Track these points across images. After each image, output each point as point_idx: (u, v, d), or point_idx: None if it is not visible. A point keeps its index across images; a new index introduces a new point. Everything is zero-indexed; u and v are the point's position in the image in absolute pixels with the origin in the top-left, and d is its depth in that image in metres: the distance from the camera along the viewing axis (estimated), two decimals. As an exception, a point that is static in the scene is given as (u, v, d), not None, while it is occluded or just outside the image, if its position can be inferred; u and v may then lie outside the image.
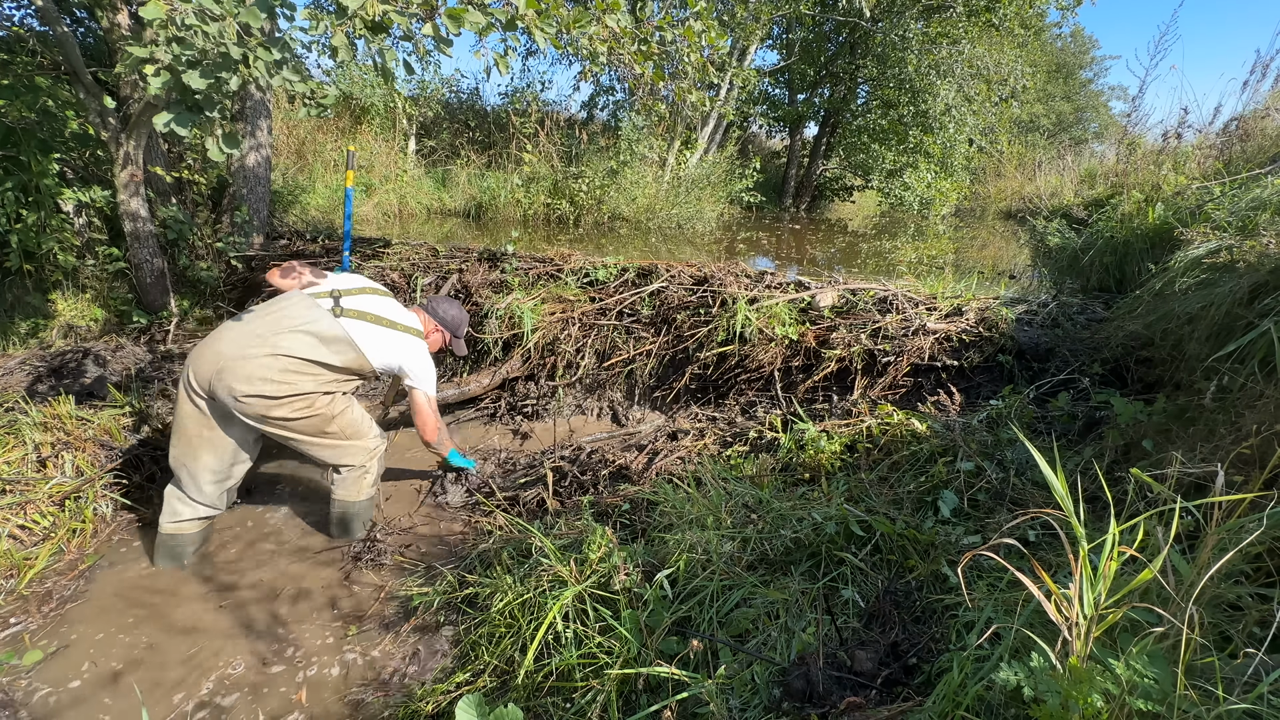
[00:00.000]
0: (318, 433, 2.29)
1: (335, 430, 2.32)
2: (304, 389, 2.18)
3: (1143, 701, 0.93)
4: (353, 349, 2.24)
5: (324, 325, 2.21)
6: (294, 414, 2.19)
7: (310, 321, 2.20)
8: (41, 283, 3.84)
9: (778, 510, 1.99)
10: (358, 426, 2.40)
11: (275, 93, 5.59)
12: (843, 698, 1.28)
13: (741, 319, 3.26)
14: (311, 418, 2.24)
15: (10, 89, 3.28)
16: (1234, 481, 1.44)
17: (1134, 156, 4.86)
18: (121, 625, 2.05)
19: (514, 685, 1.62)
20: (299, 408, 2.19)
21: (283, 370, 2.13)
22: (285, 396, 2.15)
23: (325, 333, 2.20)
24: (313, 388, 2.20)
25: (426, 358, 2.44)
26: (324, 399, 2.26)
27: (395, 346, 2.35)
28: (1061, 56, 19.52)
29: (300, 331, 2.17)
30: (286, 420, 2.19)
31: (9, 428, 2.53)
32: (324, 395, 2.26)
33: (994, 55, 8.80)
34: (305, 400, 2.20)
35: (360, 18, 1.99)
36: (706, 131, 8.80)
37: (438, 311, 2.61)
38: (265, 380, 2.10)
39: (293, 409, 2.18)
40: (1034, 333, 2.93)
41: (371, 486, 2.51)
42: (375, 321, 2.33)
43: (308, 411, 2.22)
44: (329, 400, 2.28)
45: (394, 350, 2.34)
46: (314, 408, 2.23)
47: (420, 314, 2.59)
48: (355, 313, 2.29)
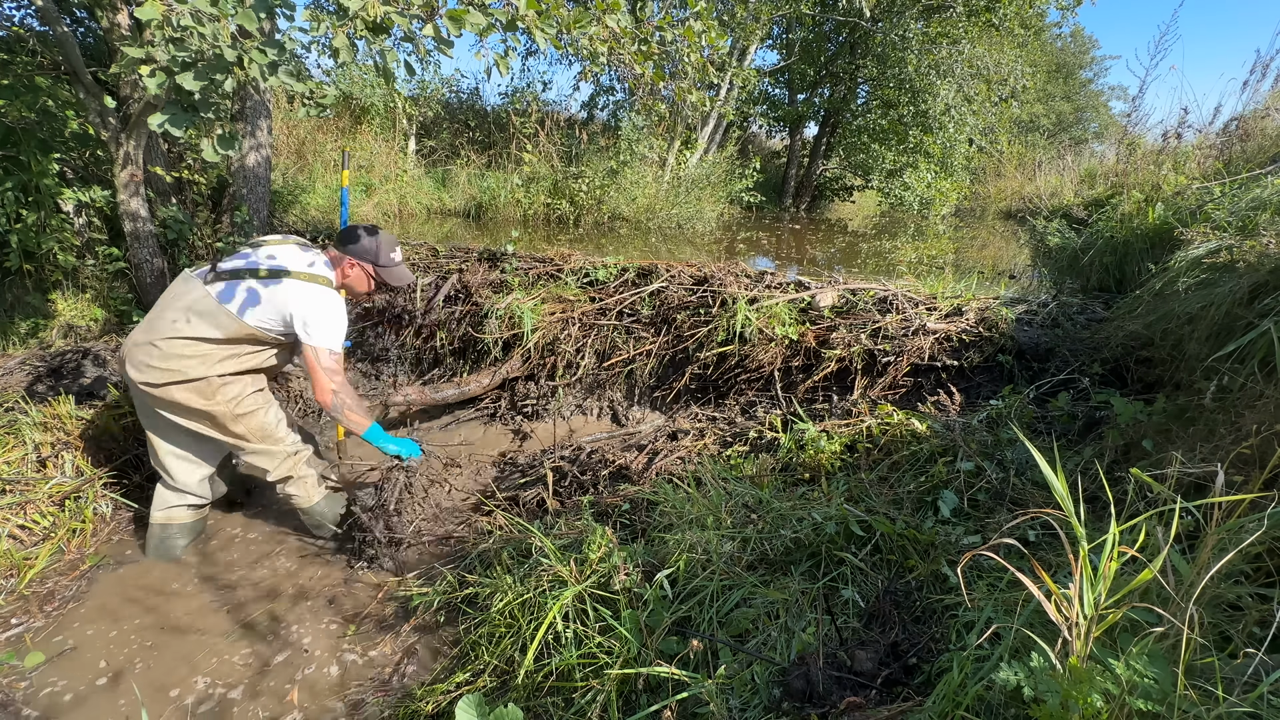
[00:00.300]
0: (224, 431, 2.17)
1: (242, 432, 2.19)
2: (192, 374, 2.05)
3: (1143, 701, 0.93)
4: (227, 315, 2.05)
5: (194, 297, 2.05)
6: (189, 403, 2.08)
7: (181, 295, 2.07)
8: (41, 283, 3.84)
9: (778, 510, 1.99)
10: (268, 431, 2.25)
11: (275, 93, 5.59)
12: (843, 698, 1.28)
13: (741, 319, 3.26)
14: (210, 411, 2.11)
15: (10, 89, 3.28)
16: (1234, 481, 1.44)
17: (1134, 156, 4.86)
18: (122, 625, 2.05)
19: (514, 685, 1.62)
20: (191, 395, 2.07)
21: (163, 356, 2.02)
22: (173, 383, 2.04)
23: (196, 304, 2.04)
24: (202, 371, 2.06)
25: (323, 305, 2.12)
26: (224, 389, 2.11)
27: (280, 297, 2.07)
28: (1061, 56, 19.52)
29: (174, 309, 2.06)
30: (188, 410, 2.09)
31: (9, 428, 2.53)
32: (219, 380, 2.10)
33: (994, 55, 8.80)
34: (195, 387, 2.07)
35: (361, 19, 1.99)
36: (706, 131, 8.80)
37: (344, 244, 2.23)
38: (150, 367, 2.03)
39: (185, 397, 2.07)
40: (1034, 333, 2.93)
41: (317, 487, 2.41)
42: (252, 276, 2.08)
43: (203, 402, 2.08)
44: (233, 397, 2.14)
45: (279, 302, 2.07)
46: (212, 400, 2.10)
47: (330, 255, 2.26)
48: (229, 272, 2.08)
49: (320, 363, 2.11)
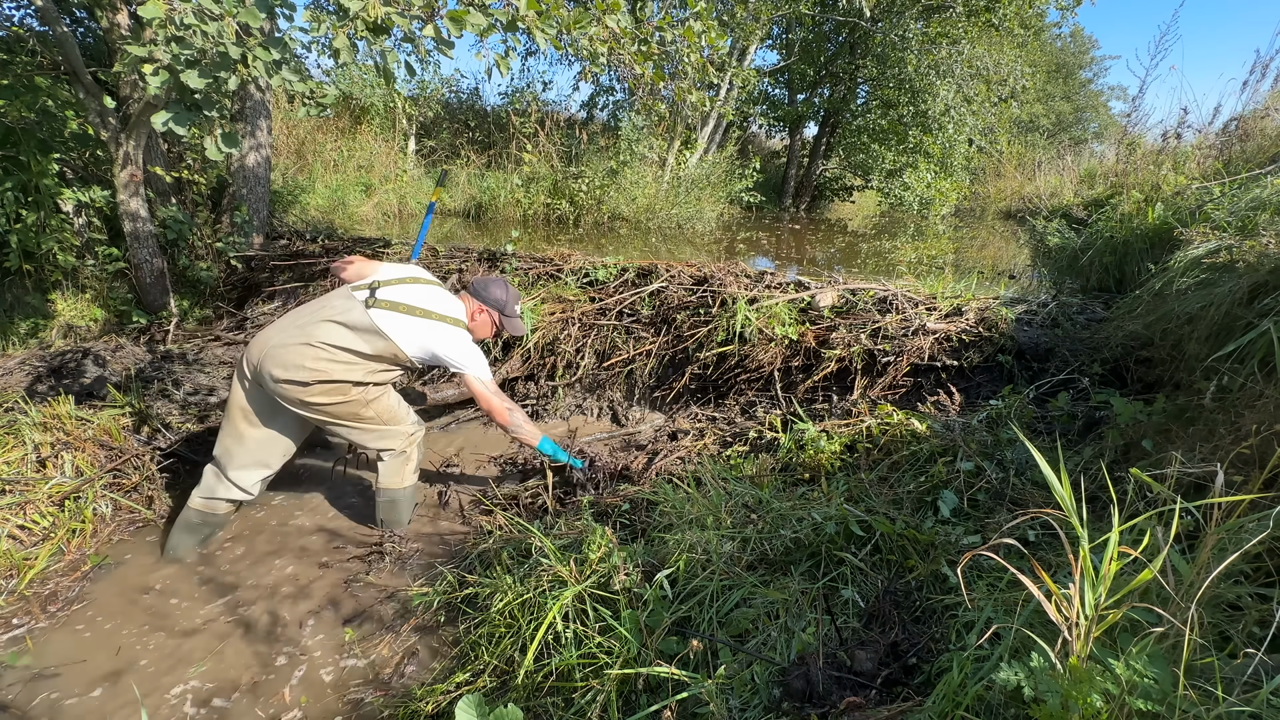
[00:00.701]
0: (354, 418, 2.35)
1: (371, 415, 2.38)
2: (335, 376, 2.23)
3: (1143, 701, 0.93)
4: (381, 338, 2.27)
5: (354, 315, 2.26)
6: (327, 400, 2.26)
7: (343, 312, 2.26)
8: (41, 283, 3.84)
9: (778, 510, 1.99)
10: (394, 412, 2.45)
11: (275, 93, 5.59)
12: (843, 698, 1.28)
13: (741, 319, 3.26)
14: (345, 403, 2.30)
15: (10, 89, 3.28)
16: (1234, 481, 1.44)
17: (1134, 156, 4.86)
18: (122, 626, 2.05)
19: (514, 685, 1.62)
20: (330, 394, 2.25)
21: (315, 358, 2.20)
22: (316, 383, 2.21)
23: (355, 323, 2.25)
24: (343, 376, 2.25)
25: (466, 344, 2.39)
26: (357, 389, 2.32)
27: (429, 336, 2.33)
28: (1061, 56, 19.53)
29: (333, 322, 2.24)
30: (321, 406, 2.26)
31: (9, 428, 2.53)
32: (356, 385, 2.31)
33: (994, 55, 8.80)
34: (336, 388, 2.26)
35: (362, 19, 1.99)
36: (706, 131, 8.81)
37: (481, 293, 2.52)
38: (299, 367, 2.18)
39: (325, 395, 2.25)
40: (1034, 333, 2.93)
41: (414, 473, 2.55)
42: (408, 312, 2.32)
43: (340, 398, 2.28)
44: (362, 390, 2.33)
45: (428, 339, 2.33)
46: (348, 395, 2.29)
47: (464, 299, 2.52)
48: (388, 303, 2.31)
49: (486, 389, 2.40)
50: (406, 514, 2.58)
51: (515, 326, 2.58)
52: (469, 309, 2.50)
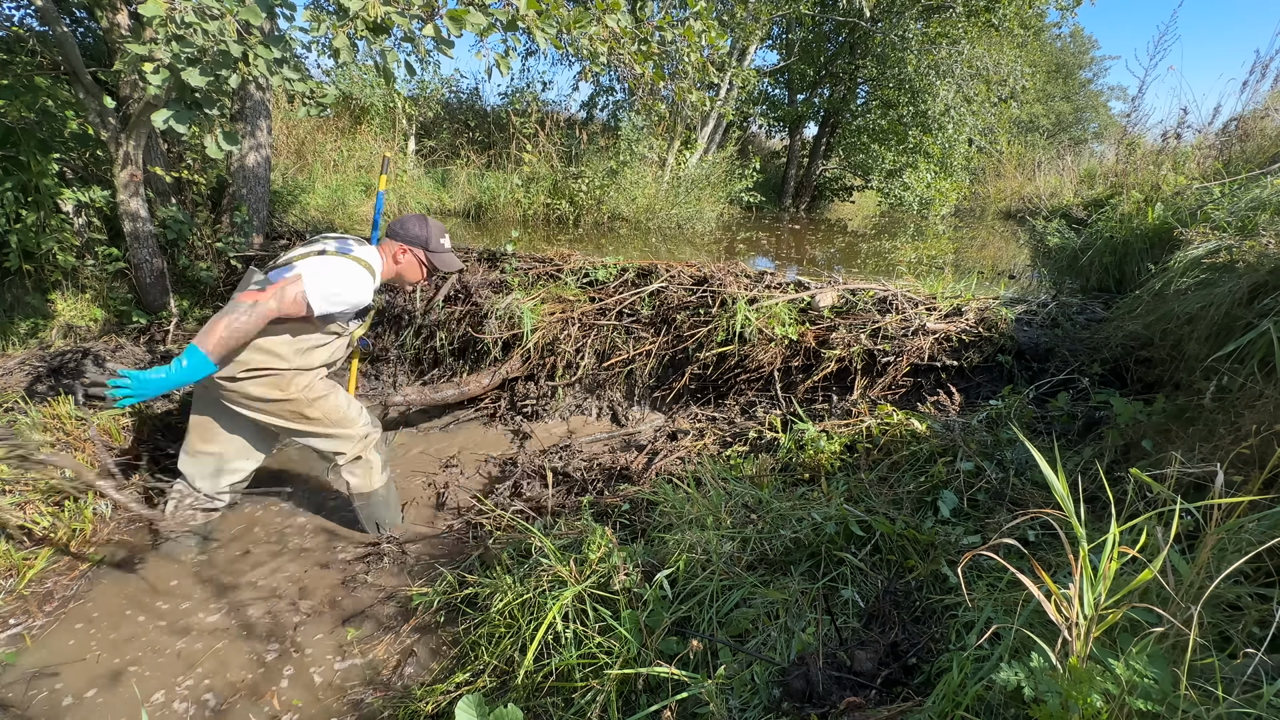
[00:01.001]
0: (299, 419, 2.24)
1: (318, 416, 2.27)
2: (264, 366, 2.11)
3: (1142, 701, 0.93)
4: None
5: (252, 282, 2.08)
6: (265, 394, 2.15)
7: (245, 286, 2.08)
8: (41, 283, 3.84)
9: (777, 510, 1.99)
10: (342, 413, 2.34)
11: (275, 92, 5.59)
12: (842, 698, 1.28)
13: (741, 319, 3.26)
14: (286, 400, 2.18)
15: (10, 89, 3.27)
16: (1233, 481, 1.44)
17: (1133, 157, 4.86)
18: (121, 625, 2.05)
19: (514, 685, 1.62)
20: (265, 386, 2.14)
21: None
22: (250, 376, 2.11)
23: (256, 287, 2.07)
24: (271, 364, 2.12)
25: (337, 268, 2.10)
26: (298, 379, 2.19)
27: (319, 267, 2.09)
28: (1061, 57, 19.53)
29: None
30: (264, 403, 2.16)
31: (8, 428, 2.53)
32: (295, 374, 2.19)
33: (993, 55, 8.80)
34: (271, 378, 2.14)
35: (362, 19, 1.99)
36: (706, 131, 8.80)
37: (398, 232, 2.30)
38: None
39: (260, 387, 2.13)
40: (1033, 333, 2.93)
41: (381, 473, 2.48)
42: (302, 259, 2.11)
43: (279, 393, 2.16)
44: (305, 384, 2.22)
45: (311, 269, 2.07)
46: (287, 390, 2.18)
47: (383, 245, 2.33)
48: (284, 261, 2.13)
49: (282, 292, 2.01)
50: (390, 513, 2.54)
51: (446, 261, 2.37)
52: (389, 252, 2.31)
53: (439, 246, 2.35)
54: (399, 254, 2.31)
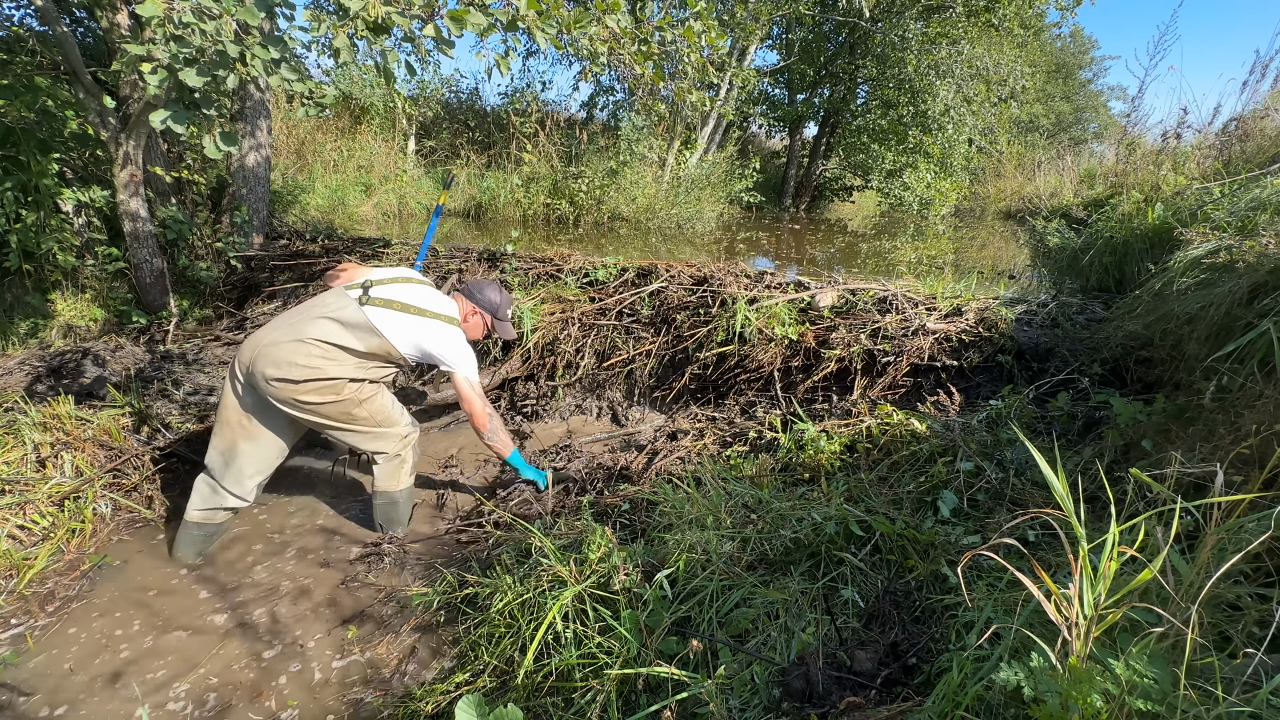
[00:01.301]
0: (347, 418, 2.33)
1: (365, 416, 2.36)
2: (329, 374, 2.22)
3: (1142, 701, 0.93)
4: (375, 335, 2.27)
5: (348, 312, 2.26)
6: (320, 399, 2.23)
7: (337, 309, 2.26)
8: (41, 283, 3.84)
9: (777, 510, 1.99)
10: (388, 413, 2.43)
11: (275, 93, 5.59)
12: (842, 698, 1.28)
13: (741, 319, 3.26)
14: (338, 402, 2.28)
15: (10, 89, 3.28)
16: (1233, 481, 1.44)
17: (1133, 157, 4.86)
18: (122, 625, 2.05)
19: (514, 685, 1.62)
20: (323, 392, 2.23)
21: (307, 354, 2.18)
22: (309, 381, 2.19)
23: (349, 319, 2.25)
24: (337, 373, 2.24)
25: (459, 343, 2.41)
26: (351, 386, 2.30)
27: (424, 333, 2.34)
28: (1061, 57, 19.53)
29: (326, 319, 2.24)
30: (314, 405, 2.24)
31: (8, 428, 2.53)
32: (351, 382, 2.30)
33: (993, 55, 8.80)
34: (330, 385, 2.24)
35: (362, 19, 1.99)
36: (706, 131, 8.81)
37: (475, 295, 2.56)
38: (291, 364, 2.16)
39: (318, 394, 2.22)
40: (1033, 333, 2.93)
41: (409, 475, 2.54)
42: (402, 309, 2.33)
43: (334, 396, 2.26)
44: (356, 388, 2.32)
45: (422, 337, 2.34)
46: (341, 394, 2.27)
47: (458, 299, 2.56)
48: (382, 301, 2.31)
49: (473, 390, 2.42)
50: (405, 515, 2.58)
51: (506, 330, 2.63)
52: (462, 310, 2.53)
53: (505, 316, 2.61)
54: (470, 314, 2.55)
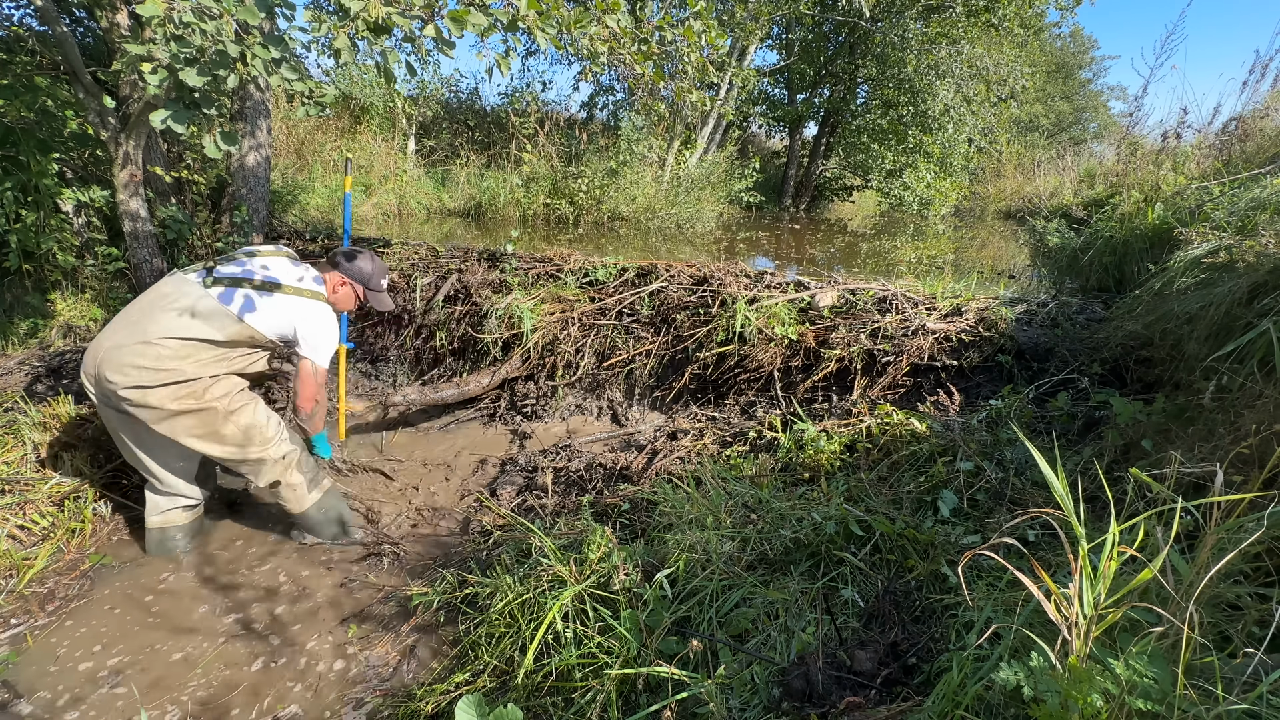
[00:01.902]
0: (213, 435, 2.11)
1: (231, 433, 2.13)
2: (187, 374, 2.01)
3: (1142, 701, 0.93)
4: (231, 320, 2.07)
5: (193, 298, 2.04)
6: (179, 407, 2.01)
7: (179, 297, 2.04)
8: (41, 283, 3.84)
9: (777, 510, 1.99)
10: (260, 431, 2.20)
11: (275, 92, 5.59)
12: (842, 697, 1.28)
13: (741, 319, 3.26)
14: (201, 411, 2.05)
15: (10, 89, 3.28)
16: (1233, 481, 1.44)
17: (1133, 156, 4.86)
18: (121, 625, 2.05)
19: (514, 685, 1.62)
20: (183, 399, 2.02)
21: (158, 356, 1.97)
22: (165, 385, 1.98)
23: (197, 306, 2.03)
24: (196, 372, 2.03)
25: (321, 320, 2.21)
26: (214, 388, 2.08)
27: (282, 310, 2.14)
28: (1061, 56, 19.52)
29: (170, 310, 2.02)
30: (174, 414, 2.02)
31: (8, 428, 2.53)
32: (210, 379, 2.08)
33: (993, 55, 8.80)
34: (188, 388, 2.03)
35: (362, 20, 1.99)
36: (706, 131, 8.80)
37: (343, 264, 2.37)
38: (139, 369, 1.95)
39: (176, 401, 2.01)
40: (1033, 333, 2.93)
41: (312, 493, 2.36)
42: (259, 288, 2.13)
43: (194, 404, 2.04)
44: (223, 393, 2.10)
45: (282, 315, 2.15)
46: (203, 399, 2.05)
47: (324, 270, 2.37)
48: (229, 280, 2.10)
49: (314, 375, 2.23)
50: (332, 528, 2.46)
51: (381, 301, 2.48)
52: (330, 281, 2.36)
53: (378, 286, 2.45)
54: (339, 285, 2.38)
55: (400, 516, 2.71)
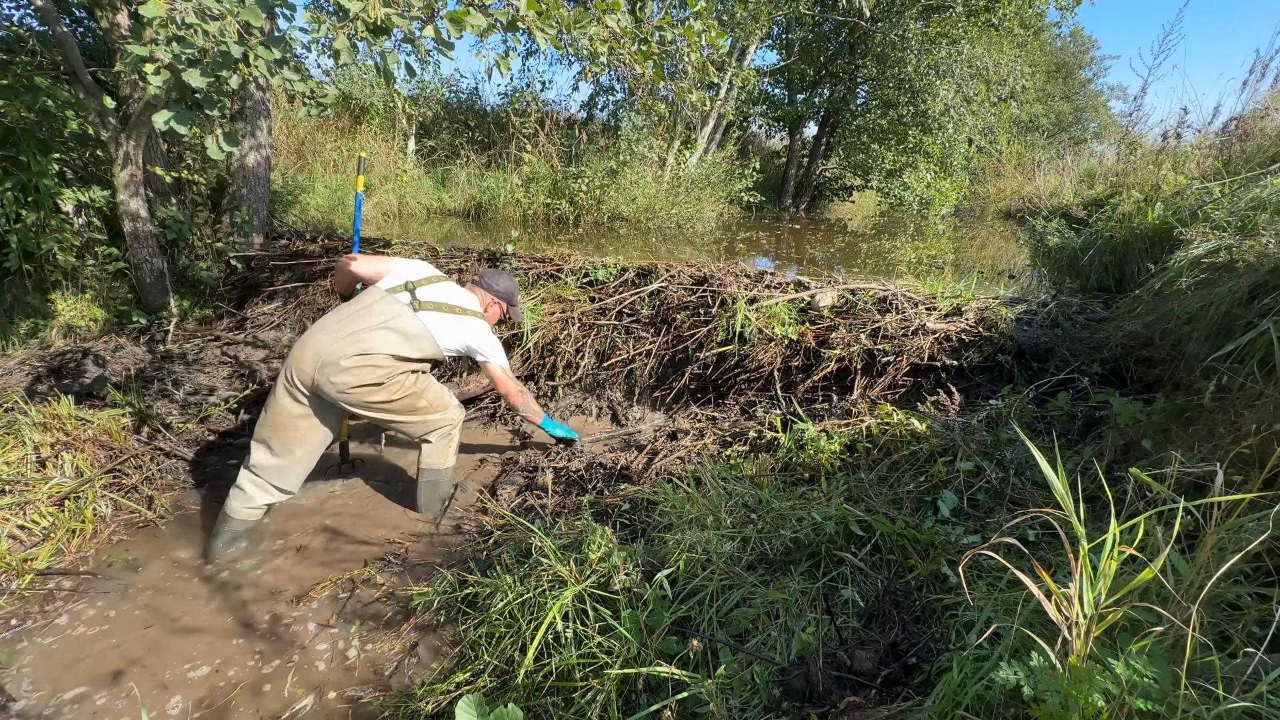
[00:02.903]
0: (411, 410, 2.48)
1: (425, 405, 2.52)
2: (395, 373, 2.39)
3: (1142, 701, 0.93)
4: (430, 342, 2.43)
5: (406, 321, 2.38)
6: (392, 396, 2.39)
7: (394, 317, 2.37)
8: (41, 283, 3.84)
9: (777, 510, 1.99)
10: (441, 400, 2.61)
11: (275, 93, 5.59)
12: (842, 697, 1.28)
13: (741, 319, 3.26)
14: (406, 397, 2.44)
15: (10, 89, 3.28)
16: (1233, 481, 1.44)
17: (1134, 156, 4.86)
18: (122, 625, 2.05)
19: (514, 685, 1.62)
20: (394, 390, 2.39)
21: (375, 364, 2.32)
22: (383, 383, 2.35)
23: (409, 329, 2.37)
24: (401, 371, 2.41)
25: (489, 334, 2.60)
26: (411, 378, 2.46)
27: (462, 331, 2.51)
28: (1061, 56, 19.52)
29: (386, 329, 2.35)
30: (386, 403, 2.39)
31: (9, 428, 2.53)
32: (410, 375, 2.46)
33: (993, 55, 8.80)
34: (398, 383, 2.40)
35: (362, 20, 1.99)
36: (706, 131, 8.80)
37: (492, 286, 2.75)
38: (364, 369, 2.30)
39: (390, 392, 2.38)
40: (1033, 332, 2.93)
41: (455, 454, 2.72)
42: (448, 311, 2.49)
43: (402, 392, 2.42)
44: (415, 379, 2.48)
45: (462, 335, 2.51)
46: (406, 388, 2.43)
47: (477, 292, 2.71)
48: (431, 305, 2.46)
49: (506, 374, 2.63)
50: (446, 494, 2.74)
51: (518, 314, 2.88)
52: (482, 301, 2.69)
53: (516, 302, 2.83)
54: (489, 305, 2.74)
55: (401, 516, 2.71)
